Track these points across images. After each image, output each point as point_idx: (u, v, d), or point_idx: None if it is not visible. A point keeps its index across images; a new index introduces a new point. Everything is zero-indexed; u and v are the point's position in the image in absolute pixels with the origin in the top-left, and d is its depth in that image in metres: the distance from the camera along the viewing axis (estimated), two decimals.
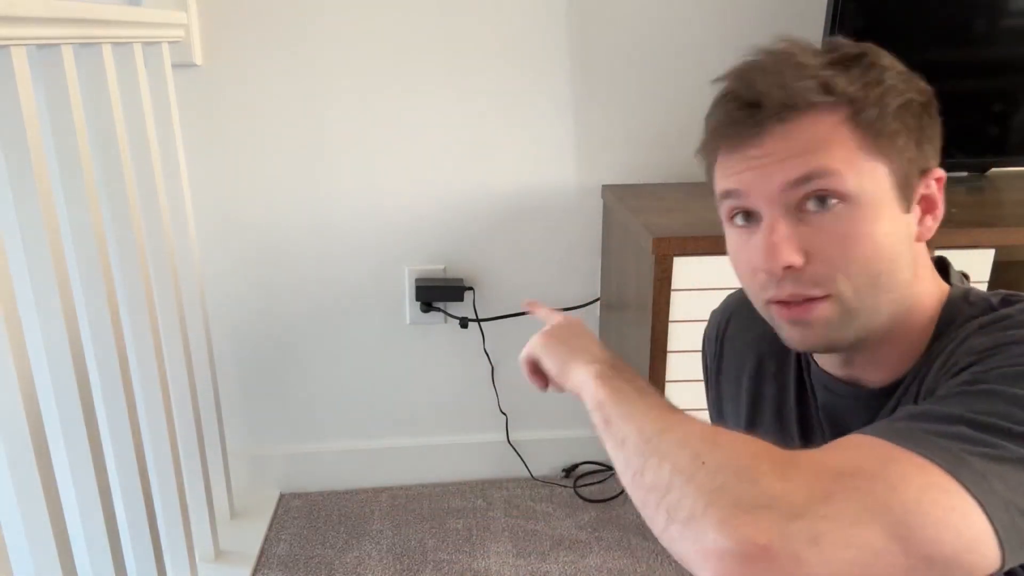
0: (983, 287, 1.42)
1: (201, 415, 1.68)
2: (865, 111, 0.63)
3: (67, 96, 1.12)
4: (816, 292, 0.64)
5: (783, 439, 0.79)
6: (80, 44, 1.20)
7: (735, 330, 0.87)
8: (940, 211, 0.68)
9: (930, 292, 0.69)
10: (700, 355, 0.94)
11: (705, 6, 1.76)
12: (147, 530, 1.35)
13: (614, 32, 1.76)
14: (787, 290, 0.65)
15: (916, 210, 0.66)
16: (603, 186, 1.85)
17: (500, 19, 1.73)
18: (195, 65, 1.69)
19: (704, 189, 0.77)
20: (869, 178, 0.63)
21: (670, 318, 1.45)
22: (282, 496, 2.01)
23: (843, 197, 0.62)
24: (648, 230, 1.43)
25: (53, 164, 1.13)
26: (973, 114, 1.69)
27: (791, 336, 0.68)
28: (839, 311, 0.65)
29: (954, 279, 0.71)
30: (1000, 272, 1.44)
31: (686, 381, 1.50)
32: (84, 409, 1.14)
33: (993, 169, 1.81)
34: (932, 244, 0.71)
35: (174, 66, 1.60)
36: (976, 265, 1.42)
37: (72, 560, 1.11)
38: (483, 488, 2.03)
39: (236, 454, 1.95)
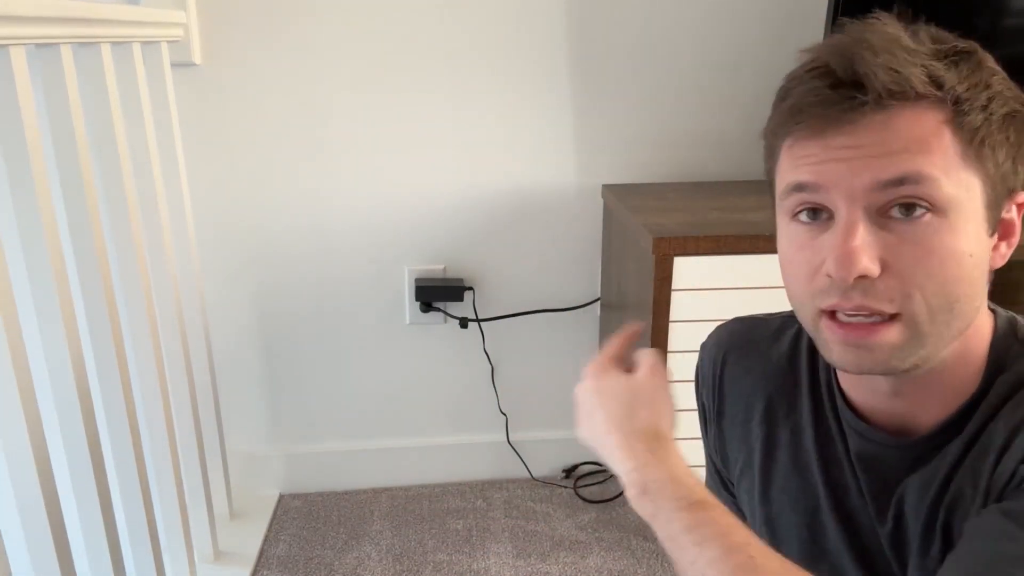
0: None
1: (200, 415, 1.67)
2: (971, 115, 0.56)
3: (66, 95, 1.12)
4: (887, 308, 0.57)
5: (803, 485, 0.73)
6: (79, 43, 1.19)
7: (736, 370, 0.80)
8: (1016, 238, 0.61)
9: (985, 322, 0.64)
10: (693, 389, 0.87)
11: (705, 6, 1.75)
12: (146, 531, 1.35)
13: (614, 32, 1.76)
14: (854, 301, 0.57)
15: (995, 235, 0.60)
16: (603, 186, 1.85)
17: (500, 19, 1.73)
18: (194, 64, 1.69)
19: (704, 189, 0.75)
20: (964, 190, 0.56)
21: (670, 318, 1.45)
22: (282, 496, 2.00)
23: (934, 207, 0.56)
24: (648, 230, 1.43)
25: (52, 164, 1.13)
26: None
27: (843, 358, 0.60)
28: (907, 336, 0.58)
29: (991, 306, 0.66)
30: (1000, 272, 1.43)
31: (686, 381, 1.49)
32: (83, 410, 1.14)
33: None
34: None
35: (173, 65, 1.60)
36: None
37: (71, 561, 1.10)
38: (483, 488, 2.03)
39: (235, 454, 1.95)
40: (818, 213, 0.59)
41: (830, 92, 0.56)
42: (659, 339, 1.46)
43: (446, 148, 1.81)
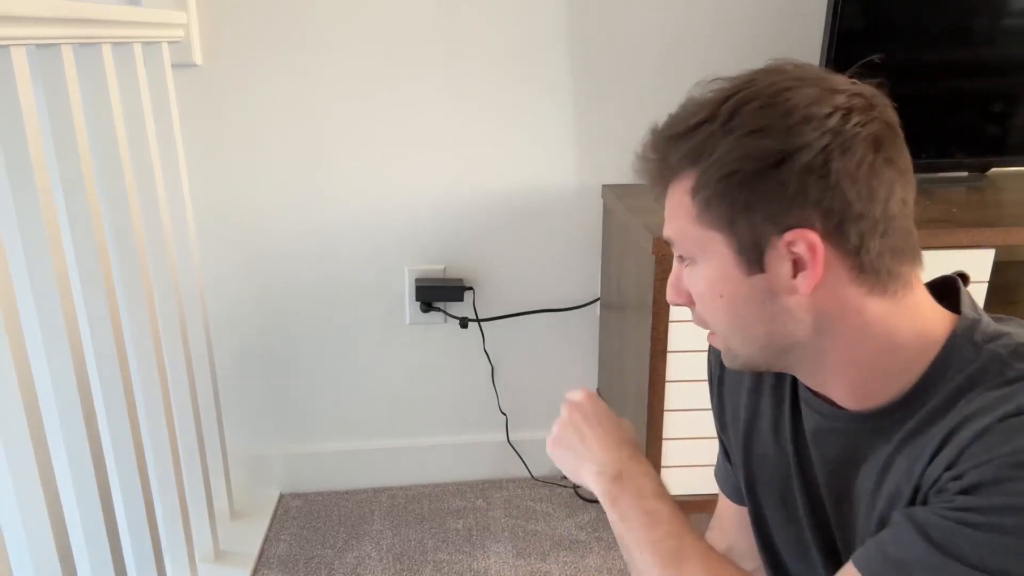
0: (983, 287, 1.42)
1: (201, 415, 1.68)
2: (702, 183, 0.66)
3: (67, 96, 1.12)
4: (706, 328, 0.73)
5: (778, 453, 0.79)
6: (80, 44, 1.20)
7: None
8: (814, 269, 0.63)
9: (918, 318, 0.66)
10: (704, 357, 0.93)
11: (705, 6, 1.76)
12: (147, 530, 1.35)
13: (614, 32, 1.76)
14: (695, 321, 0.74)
15: (786, 267, 0.64)
16: (603, 186, 1.85)
17: (500, 19, 1.73)
18: (195, 65, 1.69)
19: None
20: (702, 245, 0.68)
21: (670, 318, 1.45)
22: (282, 496, 2.01)
23: (690, 260, 0.70)
24: (648, 230, 1.43)
25: (52, 164, 1.13)
26: (973, 114, 1.69)
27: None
28: (723, 346, 0.73)
29: (964, 307, 0.68)
30: (1000, 272, 1.43)
31: (686, 381, 1.50)
32: (84, 409, 1.14)
33: (993, 169, 1.80)
34: (935, 244, 0.70)
35: (174, 66, 1.60)
36: (976, 265, 1.42)
37: (72, 560, 1.10)
38: (483, 488, 2.03)
39: (236, 454, 1.95)
40: None
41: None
42: (659, 339, 1.46)
43: (446, 148, 1.81)
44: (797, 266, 0.64)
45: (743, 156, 0.63)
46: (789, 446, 0.78)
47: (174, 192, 1.58)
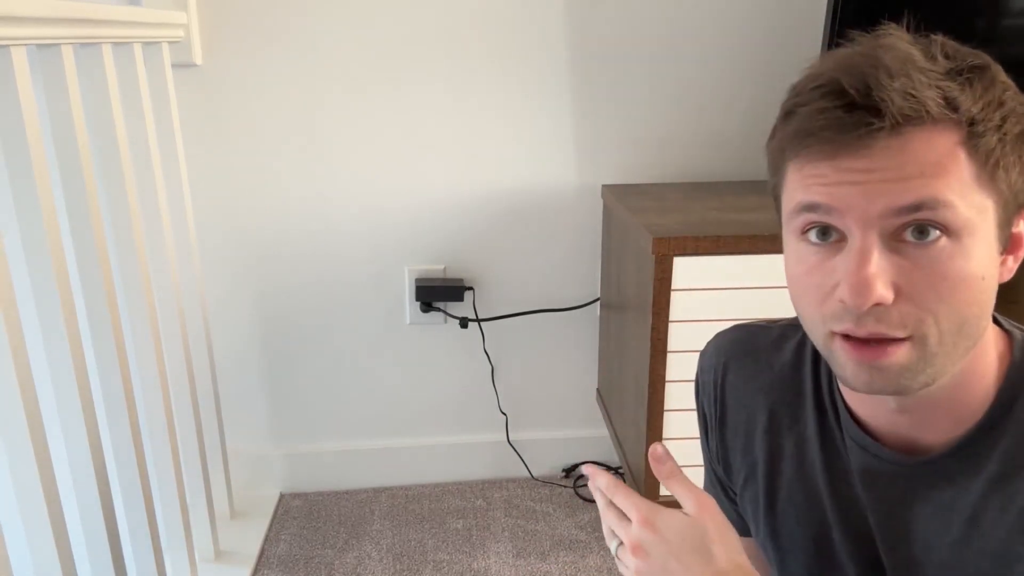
0: None
1: (201, 415, 1.68)
2: (985, 136, 0.54)
3: (67, 96, 1.12)
4: (899, 333, 0.56)
5: (808, 497, 0.73)
6: (80, 44, 1.20)
7: (738, 378, 0.79)
8: (1023, 251, 0.59)
9: (994, 340, 0.63)
10: (694, 396, 0.87)
11: (705, 5, 1.76)
12: (147, 530, 1.35)
13: (614, 32, 1.76)
14: (868, 328, 0.56)
15: (1006, 247, 0.59)
16: (603, 186, 1.85)
17: (500, 19, 1.73)
18: (195, 65, 1.69)
19: (704, 189, 0.74)
20: (978, 213, 0.55)
21: (670, 318, 1.45)
22: (282, 496, 2.01)
23: (949, 231, 0.54)
24: (648, 230, 1.43)
25: (53, 164, 1.13)
26: None
27: (856, 377, 0.59)
28: (917, 355, 0.57)
29: (1003, 322, 0.65)
30: None
31: (686, 381, 1.50)
32: (84, 409, 1.14)
33: None
34: None
35: (174, 66, 1.60)
36: None
37: (72, 560, 1.10)
38: (483, 488, 2.03)
39: (236, 454, 1.95)
40: (828, 233, 0.58)
41: (843, 115, 0.54)
42: (659, 339, 1.46)
43: (446, 148, 1.81)
44: (1012, 245, 0.59)
45: None
46: (824, 489, 0.71)
47: (174, 192, 1.58)
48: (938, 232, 0.54)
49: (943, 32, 0.60)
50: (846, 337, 0.58)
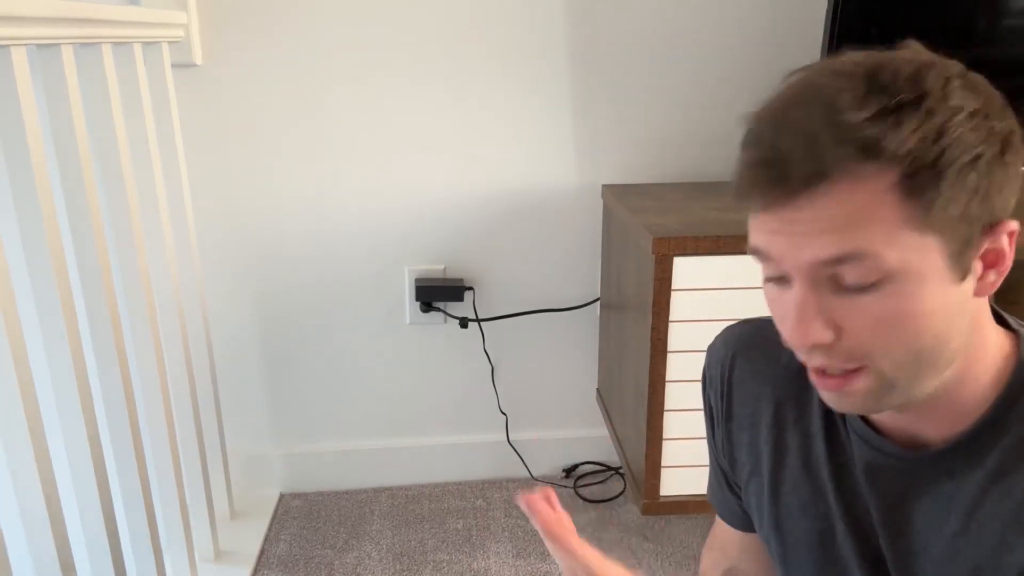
0: None
1: (201, 415, 1.67)
2: (918, 175, 0.52)
3: (67, 96, 1.12)
4: (848, 366, 0.58)
5: (813, 491, 0.74)
6: (80, 44, 1.20)
7: (744, 372, 0.80)
8: (1007, 264, 0.58)
9: (992, 342, 0.62)
10: (700, 390, 0.88)
11: (705, 6, 1.76)
12: (147, 530, 1.35)
13: (614, 32, 1.76)
14: (817, 362, 0.60)
15: (977, 265, 0.58)
16: (603, 186, 1.85)
17: (500, 19, 1.73)
18: (195, 65, 1.69)
19: (704, 189, 0.75)
20: (916, 253, 0.54)
21: (670, 318, 1.45)
22: (282, 496, 2.01)
23: (883, 277, 0.54)
24: (648, 230, 1.43)
25: (53, 164, 1.13)
26: None
27: (829, 401, 0.62)
28: (876, 383, 0.59)
29: (1013, 324, 0.64)
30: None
31: (686, 381, 1.50)
32: (84, 409, 1.14)
33: None
34: None
35: (174, 66, 1.60)
36: None
37: (72, 561, 1.10)
38: (483, 488, 2.03)
39: (236, 454, 1.95)
40: (778, 274, 0.60)
41: (763, 172, 0.55)
42: (659, 339, 1.46)
43: (446, 148, 1.81)
44: (988, 262, 0.58)
45: (984, 135, 0.54)
46: (828, 483, 0.72)
47: (174, 192, 1.58)
48: (872, 278, 0.55)
49: (943, 31, 0.60)
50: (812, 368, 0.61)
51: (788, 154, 0.54)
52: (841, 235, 0.54)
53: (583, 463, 2.08)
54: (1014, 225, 0.58)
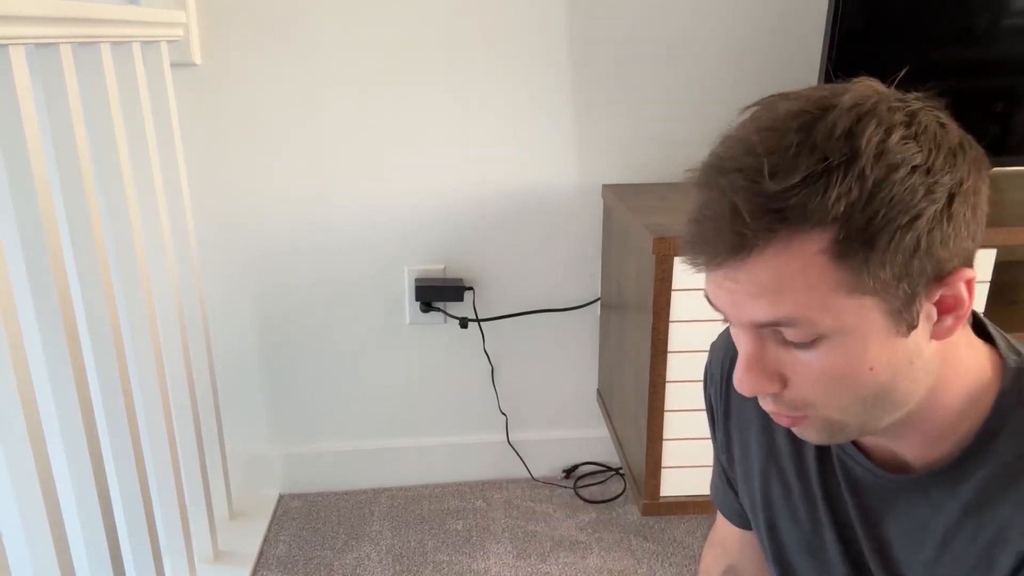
0: (984, 288, 1.42)
1: (200, 415, 1.67)
2: (849, 240, 0.52)
3: (66, 95, 1.11)
4: (795, 413, 0.60)
5: (804, 494, 0.74)
6: (79, 43, 1.19)
7: None
8: (966, 309, 0.57)
9: (966, 368, 0.61)
10: (702, 387, 0.89)
11: (705, 6, 1.75)
12: (146, 531, 1.35)
13: (614, 32, 1.76)
14: (767, 407, 0.62)
15: (932, 311, 0.57)
16: (603, 186, 1.85)
17: (500, 19, 1.73)
18: (194, 64, 1.69)
19: None
20: (852, 315, 0.54)
21: (670, 318, 1.45)
22: (281, 497, 2.00)
23: (820, 336, 0.55)
24: (648, 230, 1.43)
25: (51, 163, 1.12)
26: (974, 113, 1.67)
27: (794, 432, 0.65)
28: (825, 426, 0.60)
29: (1000, 344, 0.63)
30: (1001, 272, 1.43)
31: (686, 381, 1.49)
32: (83, 410, 1.13)
33: (994, 169, 1.80)
34: None
35: (173, 65, 1.60)
36: (978, 265, 1.42)
37: (71, 562, 1.10)
38: (483, 489, 2.03)
39: (235, 455, 1.95)
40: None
41: (696, 232, 0.56)
42: (659, 339, 1.46)
43: (446, 148, 1.81)
44: (944, 308, 0.57)
45: (921, 197, 0.52)
46: (817, 489, 0.73)
47: (173, 192, 1.58)
48: (809, 338, 0.55)
49: (943, 31, 0.59)
50: None
51: (715, 222, 0.54)
52: (772, 300, 0.54)
53: (583, 463, 2.08)
54: (970, 274, 0.57)
